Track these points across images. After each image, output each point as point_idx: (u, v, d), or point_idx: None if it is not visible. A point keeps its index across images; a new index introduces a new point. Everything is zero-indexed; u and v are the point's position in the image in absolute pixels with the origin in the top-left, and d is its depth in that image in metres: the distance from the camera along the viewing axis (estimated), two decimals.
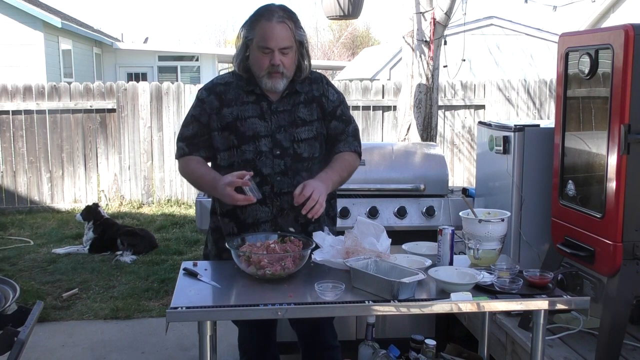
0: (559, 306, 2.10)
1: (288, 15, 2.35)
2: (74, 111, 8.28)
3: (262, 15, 2.34)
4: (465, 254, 2.52)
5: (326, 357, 2.68)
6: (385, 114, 8.65)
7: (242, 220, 2.45)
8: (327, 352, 2.68)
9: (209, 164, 2.53)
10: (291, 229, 2.40)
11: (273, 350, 2.73)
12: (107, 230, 6.19)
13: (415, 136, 4.87)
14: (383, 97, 8.64)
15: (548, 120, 4.24)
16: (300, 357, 2.75)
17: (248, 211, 2.41)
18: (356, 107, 8.47)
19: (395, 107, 7.97)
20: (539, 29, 14.55)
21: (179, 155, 2.49)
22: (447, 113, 8.75)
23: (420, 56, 4.81)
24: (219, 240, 2.54)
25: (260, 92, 2.42)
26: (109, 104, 8.33)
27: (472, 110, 8.87)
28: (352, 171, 2.52)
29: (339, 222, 2.79)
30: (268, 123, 2.41)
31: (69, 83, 8.37)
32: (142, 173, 8.48)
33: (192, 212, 7.86)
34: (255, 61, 2.37)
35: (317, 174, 2.39)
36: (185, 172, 2.49)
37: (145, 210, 8.25)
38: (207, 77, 16.99)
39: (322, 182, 2.30)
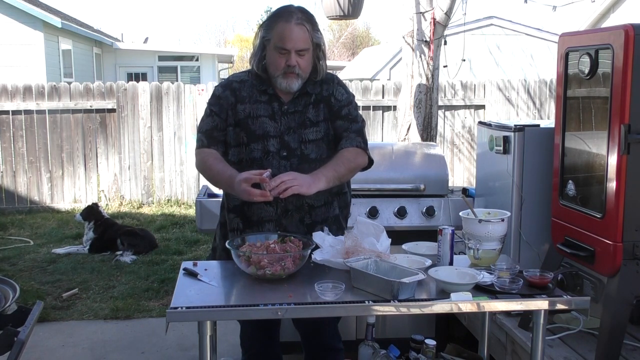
0: (559, 306, 2.10)
1: (306, 18, 2.36)
2: (74, 111, 8.28)
3: (280, 16, 2.35)
4: (465, 254, 2.52)
5: (328, 359, 2.68)
6: (385, 114, 8.65)
7: (247, 217, 2.46)
8: (329, 353, 2.68)
9: None
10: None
11: (276, 350, 2.74)
12: (107, 230, 6.19)
13: (415, 136, 4.87)
14: (383, 97, 8.64)
15: (548, 120, 4.24)
16: (303, 357, 2.75)
17: (253, 209, 2.42)
18: None
19: (395, 107, 7.97)
20: (539, 29, 14.56)
21: (198, 147, 2.48)
22: (447, 113, 8.75)
23: (420, 56, 4.81)
24: (226, 235, 2.56)
25: (273, 93, 2.44)
26: (109, 104, 8.33)
27: (472, 110, 8.87)
28: (353, 167, 2.45)
29: None
30: (277, 124, 2.43)
31: (69, 83, 8.37)
32: (142, 173, 8.48)
33: (192, 212, 7.86)
34: (271, 61, 2.38)
35: None
36: (202, 166, 2.45)
37: (145, 210, 8.25)
38: (207, 77, 17.02)
39: (312, 177, 2.25)
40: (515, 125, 3.06)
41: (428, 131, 4.88)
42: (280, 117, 2.44)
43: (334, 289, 2.00)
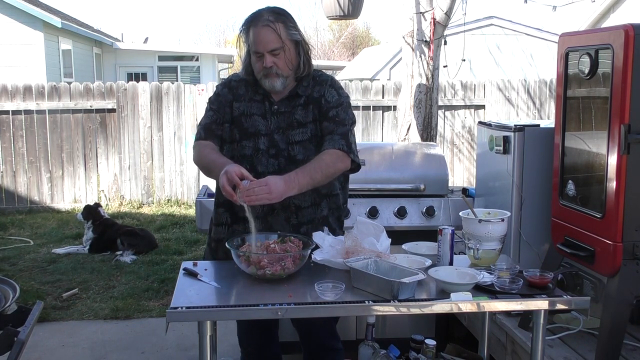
0: (559, 306, 2.10)
1: (275, 17, 2.38)
2: (74, 111, 8.28)
3: (251, 22, 2.41)
4: (465, 254, 2.52)
5: (326, 359, 2.68)
6: (385, 114, 8.65)
7: (235, 212, 2.49)
8: (328, 353, 2.67)
9: None
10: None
11: (275, 349, 2.74)
12: (107, 230, 6.19)
13: (415, 136, 4.87)
14: (383, 97, 8.63)
15: (548, 120, 4.24)
16: (302, 357, 2.75)
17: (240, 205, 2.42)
18: (356, 107, 8.46)
19: (395, 107, 7.97)
20: (539, 29, 14.56)
21: (196, 139, 2.53)
22: (447, 113, 8.75)
23: (420, 56, 4.81)
24: (211, 230, 2.61)
25: (264, 92, 2.48)
26: (109, 104, 8.33)
27: (472, 110, 8.87)
28: (332, 173, 2.39)
29: None
30: (268, 122, 2.46)
31: (69, 83, 8.37)
32: (142, 173, 8.48)
33: (192, 212, 7.86)
34: (253, 65, 2.44)
35: None
36: (197, 157, 2.49)
37: (145, 210, 8.25)
38: (207, 77, 17.01)
39: (285, 185, 2.22)
40: (515, 125, 3.06)
41: (428, 131, 4.88)
42: (271, 116, 2.47)
43: (334, 289, 2.00)
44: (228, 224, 2.52)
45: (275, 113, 2.46)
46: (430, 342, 2.70)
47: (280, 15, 2.40)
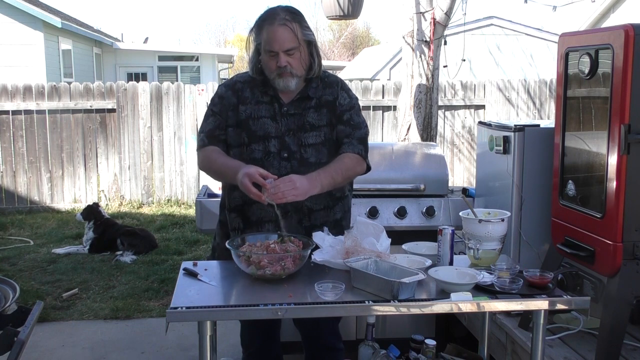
0: (559, 306, 2.10)
1: (291, 17, 2.37)
2: (74, 111, 8.28)
3: (265, 20, 2.38)
4: (465, 254, 2.52)
5: (328, 359, 2.68)
6: (385, 114, 8.65)
7: (247, 216, 2.47)
8: (329, 353, 2.68)
9: None
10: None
11: (276, 350, 2.74)
12: (107, 230, 6.19)
13: (415, 136, 4.87)
14: (383, 97, 8.63)
15: (548, 120, 4.24)
16: (303, 357, 2.75)
17: (253, 209, 2.43)
18: None
19: (395, 107, 7.97)
20: (539, 29, 14.55)
21: (199, 147, 2.50)
22: (447, 113, 8.75)
23: (420, 56, 4.81)
24: (227, 235, 2.58)
25: (274, 94, 2.46)
26: (109, 104, 8.33)
27: (472, 110, 8.87)
28: (351, 175, 2.47)
29: None
30: (278, 125, 2.44)
31: (69, 83, 8.37)
32: (142, 173, 8.48)
33: (192, 212, 7.86)
34: (265, 64, 2.41)
35: None
36: (205, 162, 2.47)
37: (145, 210, 8.25)
38: (207, 77, 17.02)
39: (309, 183, 2.25)
40: (515, 125, 3.06)
41: (428, 131, 4.88)
42: (281, 118, 2.45)
43: (334, 289, 2.00)
44: (241, 229, 2.49)
45: (286, 115, 2.44)
46: (430, 342, 2.71)
47: (296, 15, 2.39)
